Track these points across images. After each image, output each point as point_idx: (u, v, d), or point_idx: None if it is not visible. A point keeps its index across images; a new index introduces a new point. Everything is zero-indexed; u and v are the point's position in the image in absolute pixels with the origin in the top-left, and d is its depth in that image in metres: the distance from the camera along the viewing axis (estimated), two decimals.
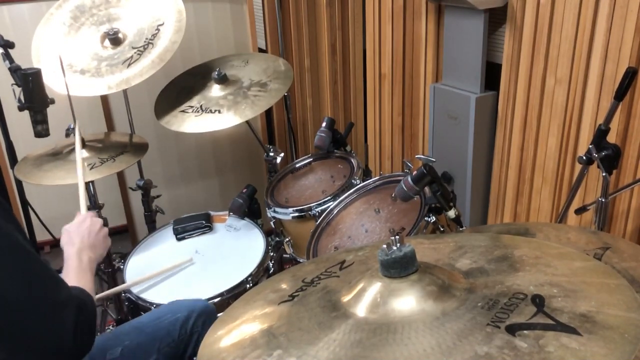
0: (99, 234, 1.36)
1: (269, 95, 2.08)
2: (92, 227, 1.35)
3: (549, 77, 1.75)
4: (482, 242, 0.99)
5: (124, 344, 1.34)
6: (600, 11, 1.56)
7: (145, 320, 1.44)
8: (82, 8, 2.13)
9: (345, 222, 1.77)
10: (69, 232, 1.33)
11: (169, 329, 1.39)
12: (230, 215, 2.02)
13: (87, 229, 1.34)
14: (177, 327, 1.40)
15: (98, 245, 1.34)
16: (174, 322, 1.40)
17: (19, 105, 1.73)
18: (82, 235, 1.31)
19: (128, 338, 1.36)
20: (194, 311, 1.44)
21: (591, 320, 0.69)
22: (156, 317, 1.43)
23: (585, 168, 1.47)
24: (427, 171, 1.40)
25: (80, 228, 1.34)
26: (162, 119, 2.11)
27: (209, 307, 1.50)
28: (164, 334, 1.38)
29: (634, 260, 1.10)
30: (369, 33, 2.48)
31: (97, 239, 1.35)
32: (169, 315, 1.42)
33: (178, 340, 1.39)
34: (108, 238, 1.40)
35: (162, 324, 1.40)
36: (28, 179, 1.90)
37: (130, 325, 1.43)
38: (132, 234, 2.83)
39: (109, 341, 1.36)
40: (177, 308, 1.45)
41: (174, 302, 1.50)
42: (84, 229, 1.34)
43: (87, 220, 1.36)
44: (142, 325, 1.41)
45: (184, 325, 1.41)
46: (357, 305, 0.83)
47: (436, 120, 2.18)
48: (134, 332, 1.39)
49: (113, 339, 1.37)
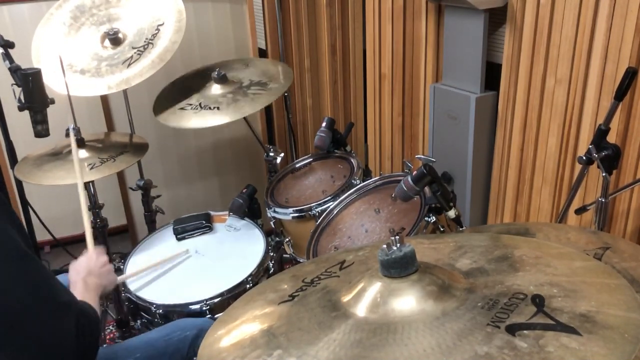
0: (104, 268, 1.42)
1: (269, 93, 2.08)
2: (98, 261, 1.42)
3: (549, 77, 1.75)
4: (482, 242, 0.99)
5: (134, 356, 1.38)
6: (600, 11, 1.55)
7: (155, 335, 1.47)
8: (82, 8, 2.13)
9: (345, 222, 1.77)
10: (75, 266, 1.39)
11: (179, 346, 1.43)
12: (230, 215, 2.02)
13: (93, 261, 1.41)
14: (186, 345, 1.43)
15: (104, 277, 1.40)
16: (184, 340, 1.44)
17: (19, 105, 1.73)
18: (88, 267, 1.38)
19: (139, 352, 1.40)
20: (203, 330, 1.46)
21: (591, 320, 0.69)
22: (165, 333, 1.47)
23: (585, 168, 1.47)
24: (427, 171, 1.40)
25: (87, 261, 1.41)
26: (161, 117, 2.12)
27: None
28: (173, 350, 1.42)
29: (634, 260, 1.10)
30: (369, 33, 2.48)
31: (102, 272, 1.41)
32: (179, 332, 1.46)
33: (187, 357, 1.43)
34: (114, 274, 1.46)
35: (171, 340, 1.44)
36: (28, 179, 1.90)
37: (141, 340, 1.46)
38: (132, 234, 2.83)
39: (119, 353, 1.39)
40: (186, 326, 1.49)
41: (183, 320, 1.54)
42: (90, 262, 1.40)
43: (92, 257, 1.42)
44: (153, 340, 1.45)
45: (192, 343, 1.44)
46: (357, 305, 0.83)
47: (436, 120, 2.18)
48: (144, 346, 1.42)
49: (123, 351, 1.40)
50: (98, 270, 1.39)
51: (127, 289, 1.73)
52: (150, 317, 1.68)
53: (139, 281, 1.76)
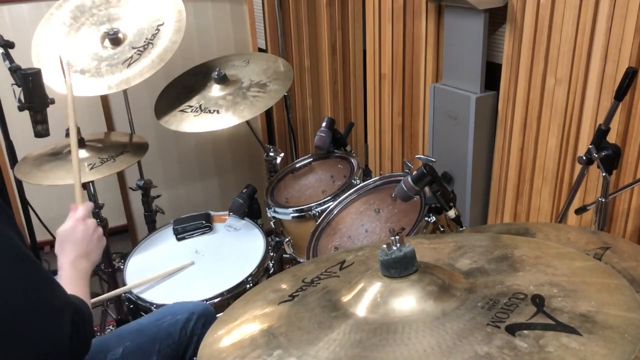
0: (93, 236, 1.31)
1: (268, 97, 2.08)
2: (86, 232, 1.30)
3: (549, 77, 1.75)
4: (482, 242, 0.99)
5: (124, 344, 1.34)
6: (600, 11, 1.55)
7: (146, 321, 1.44)
8: (82, 8, 2.13)
9: (345, 222, 1.77)
10: (62, 240, 1.28)
11: (170, 331, 1.40)
12: (230, 215, 2.03)
13: (81, 234, 1.29)
14: (177, 329, 1.40)
15: (93, 251, 1.30)
16: (175, 324, 1.41)
17: (19, 105, 1.73)
18: (76, 243, 1.27)
19: (129, 339, 1.36)
20: (194, 313, 1.44)
21: (591, 320, 0.69)
22: (156, 318, 1.44)
23: (585, 168, 1.47)
24: (427, 171, 1.40)
25: (74, 234, 1.28)
26: (162, 118, 2.12)
27: (209, 309, 1.50)
28: (164, 335, 1.39)
29: (634, 260, 1.10)
30: (369, 33, 2.48)
31: (92, 243, 1.30)
32: (169, 317, 1.43)
33: (178, 341, 1.40)
34: (103, 238, 1.35)
35: (162, 325, 1.41)
36: (28, 179, 1.90)
37: (131, 327, 1.43)
38: (132, 234, 2.83)
39: (110, 342, 1.36)
40: (177, 310, 1.46)
41: (175, 304, 1.51)
42: (77, 235, 1.28)
43: (79, 225, 1.30)
44: (143, 326, 1.42)
45: (184, 327, 1.41)
46: (357, 305, 0.83)
47: (436, 120, 2.18)
48: (134, 333, 1.39)
49: (114, 339, 1.37)
50: (87, 245, 1.27)
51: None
52: None
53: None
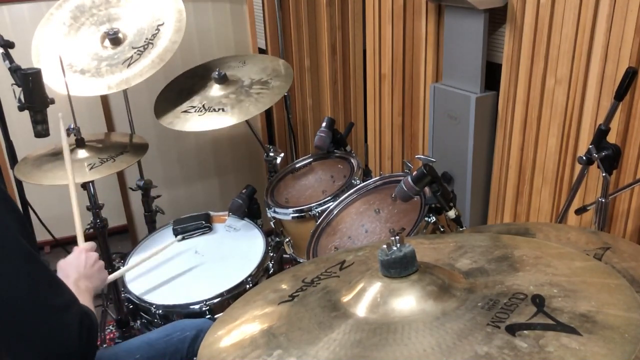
0: (94, 266, 1.35)
1: (272, 93, 2.08)
2: (88, 261, 1.34)
3: (549, 77, 1.75)
4: (482, 242, 0.99)
5: (134, 357, 1.38)
6: (600, 11, 1.55)
7: (155, 336, 1.47)
8: (82, 8, 2.13)
9: (345, 222, 1.77)
10: (64, 267, 1.32)
11: (178, 347, 1.43)
12: (230, 215, 2.03)
13: (83, 261, 1.33)
14: (185, 345, 1.44)
15: (94, 277, 1.34)
16: (183, 340, 1.44)
17: (19, 105, 1.74)
18: (77, 268, 1.31)
19: (139, 352, 1.40)
20: (202, 330, 1.47)
21: (591, 320, 0.69)
22: (165, 334, 1.47)
23: (585, 168, 1.47)
24: (427, 171, 1.40)
25: (76, 260, 1.33)
26: (165, 120, 2.11)
27: None
28: (172, 351, 1.42)
29: (634, 260, 1.10)
30: (369, 33, 2.48)
31: (93, 271, 1.34)
32: (178, 332, 1.46)
33: (186, 357, 1.43)
34: (104, 271, 1.39)
35: (171, 340, 1.44)
36: (28, 179, 1.90)
37: (141, 341, 1.46)
38: (132, 234, 2.83)
39: (120, 354, 1.39)
40: (185, 326, 1.49)
41: (183, 321, 1.55)
42: (80, 261, 1.33)
43: (81, 255, 1.35)
44: (152, 340, 1.45)
45: (192, 343, 1.44)
46: (357, 305, 0.82)
47: (436, 120, 2.18)
48: (144, 347, 1.42)
49: (124, 352, 1.40)
50: (89, 271, 1.32)
51: (127, 289, 1.73)
52: (150, 317, 1.68)
53: (139, 281, 1.76)
